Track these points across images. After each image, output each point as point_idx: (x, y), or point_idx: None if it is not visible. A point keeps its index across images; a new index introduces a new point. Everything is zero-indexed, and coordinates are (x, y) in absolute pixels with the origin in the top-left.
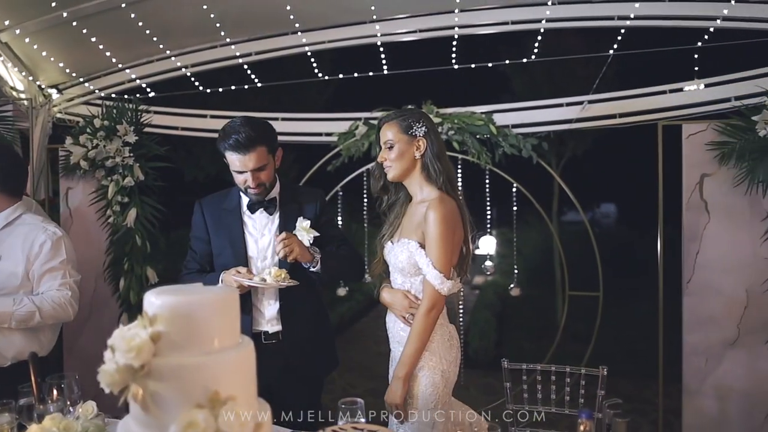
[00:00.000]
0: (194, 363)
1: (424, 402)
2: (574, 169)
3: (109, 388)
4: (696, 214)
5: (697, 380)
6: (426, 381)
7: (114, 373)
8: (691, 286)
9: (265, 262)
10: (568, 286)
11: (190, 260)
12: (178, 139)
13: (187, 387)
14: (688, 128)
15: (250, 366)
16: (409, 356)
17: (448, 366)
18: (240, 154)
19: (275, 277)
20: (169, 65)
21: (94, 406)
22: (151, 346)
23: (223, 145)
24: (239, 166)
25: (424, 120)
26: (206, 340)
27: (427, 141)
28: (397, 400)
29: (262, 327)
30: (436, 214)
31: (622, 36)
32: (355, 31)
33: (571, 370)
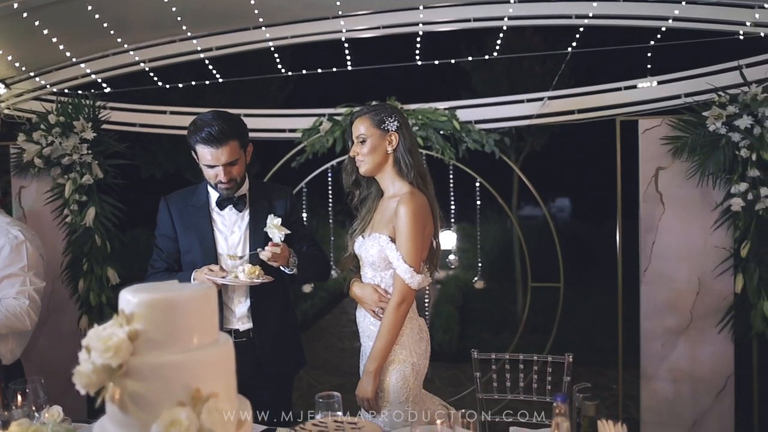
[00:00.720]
0: (174, 361)
1: (395, 395)
2: (532, 164)
3: (86, 389)
4: (652, 206)
5: (653, 365)
6: (397, 374)
7: (91, 373)
8: (647, 274)
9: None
10: (531, 278)
11: (156, 259)
12: (134, 135)
13: (168, 385)
14: (644, 123)
15: (230, 363)
16: (379, 350)
17: (418, 359)
18: (212, 147)
19: (249, 274)
20: (126, 60)
21: (60, 410)
22: (129, 345)
23: (194, 138)
24: (211, 160)
25: (396, 115)
26: (185, 337)
27: (399, 135)
28: (369, 394)
29: (232, 325)
30: (406, 209)
31: (581, 34)
32: (319, 26)
33: (538, 358)
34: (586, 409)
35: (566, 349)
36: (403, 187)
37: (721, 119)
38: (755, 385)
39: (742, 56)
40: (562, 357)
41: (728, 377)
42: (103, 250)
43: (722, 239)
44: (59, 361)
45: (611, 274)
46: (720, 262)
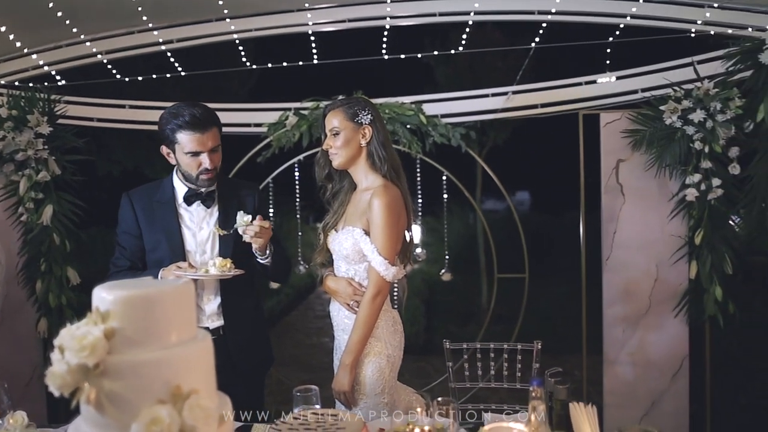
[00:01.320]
0: (153, 358)
1: (371, 387)
2: (495, 158)
3: (60, 390)
4: (613, 197)
5: (614, 349)
6: (372, 367)
7: (65, 374)
8: (609, 263)
9: (204, 256)
10: (497, 270)
11: (119, 257)
12: (90, 131)
13: (147, 383)
14: (605, 117)
15: (209, 359)
16: (355, 343)
17: (393, 350)
18: (198, 132)
19: (220, 267)
20: (82, 51)
21: (24, 415)
22: (106, 344)
23: (174, 124)
24: (196, 146)
25: (369, 108)
26: (164, 334)
27: (372, 129)
28: (345, 387)
29: (202, 324)
30: (380, 202)
31: (543, 30)
32: (285, 19)
33: (508, 346)
34: (558, 393)
35: (532, 338)
36: (377, 180)
37: (676, 113)
38: (708, 365)
39: (694, 53)
40: (531, 344)
41: (683, 359)
42: (62, 249)
43: (678, 228)
44: (16, 365)
45: (574, 263)
46: (676, 250)
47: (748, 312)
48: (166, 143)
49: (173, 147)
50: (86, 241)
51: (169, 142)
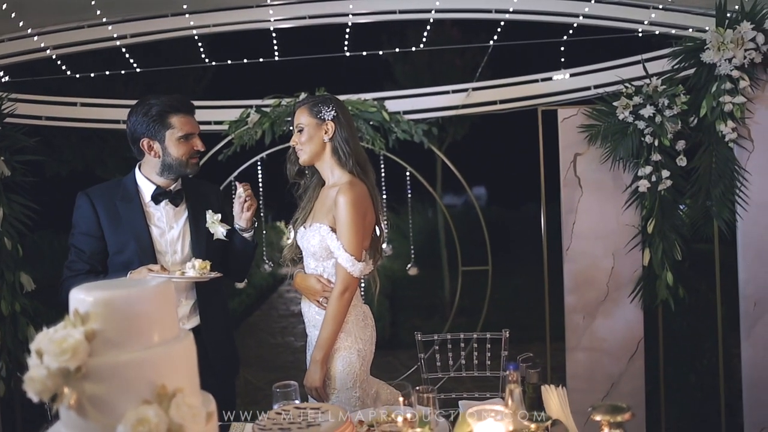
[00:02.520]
0: (136, 359)
1: (342, 382)
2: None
3: (39, 396)
4: (571, 189)
5: (576, 336)
6: (343, 361)
7: (45, 379)
8: (569, 253)
9: (175, 256)
10: (461, 263)
11: (75, 260)
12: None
13: (131, 385)
14: (562, 113)
15: (192, 357)
16: (325, 339)
17: (363, 345)
18: (190, 115)
19: (200, 269)
20: (28, 45)
21: None
22: (87, 346)
23: (168, 108)
24: (191, 128)
25: (333, 104)
26: (146, 334)
27: (335, 124)
28: (317, 383)
29: (188, 323)
30: (346, 198)
31: (501, 28)
32: (246, 14)
33: (478, 335)
34: (530, 377)
35: (496, 329)
36: (343, 176)
37: (628, 109)
38: (661, 346)
39: (643, 51)
40: (499, 333)
41: (639, 342)
42: (15, 254)
43: (632, 218)
44: None
45: (536, 255)
46: (630, 239)
47: (696, 295)
48: (149, 135)
49: (162, 135)
50: (40, 245)
51: (155, 132)
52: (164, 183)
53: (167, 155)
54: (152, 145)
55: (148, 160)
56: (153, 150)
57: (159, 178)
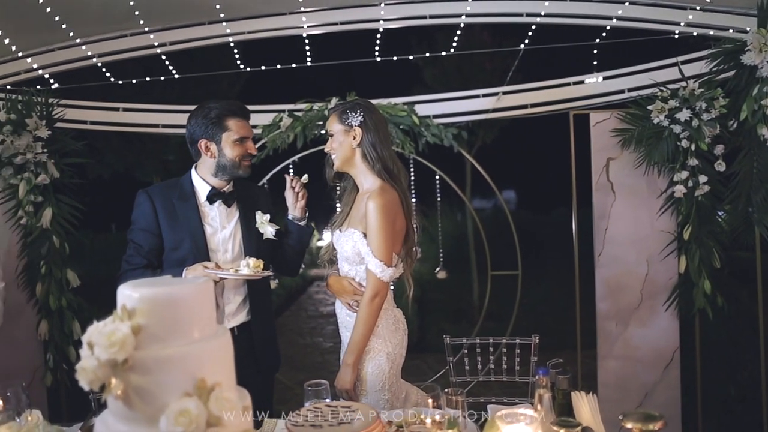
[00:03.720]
0: (178, 353)
1: (371, 384)
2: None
3: (90, 385)
4: (604, 194)
5: (608, 344)
6: (372, 364)
7: (96, 369)
8: (601, 258)
9: (226, 254)
10: (491, 267)
11: (133, 255)
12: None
13: (172, 377)
14: (594, 117)
15: (230, 353)
16: (356, 343)
17: (393, 348)
18: (246, 119)
19: (254, 267)
20: (75, 54)
21: (39, 414)
22: (133, 340)
23: (226, 111)
24: (246, 132)
25: (361, 110)
26: (187, 330)
27: (362, 130)
28: (347, 385)
29: (228, 322)
30: (375, 204)
31: (532, 32)
32: (280, 21)
33: (507, 340)
34: (560, 383)
35: (525, 334)
36: (375, 182)
37: (663, 113)
38: (698, 356)
39: (678, 53)
40: (529, 339)
41: (674, 351)
42: (62, 252)
43: (667, 224)
44: (17, 368)
45: (567, 260)
46: (665, 245)
47: (736, 304)
48: (207, 136)
49: (219, 137)
50: (86, 243)
51: (212, 134)
52: (218, 184)
53: (222, 156)
54: (209, 146)
55: (204, 161)
56: (209, 151)
57: (213, 178)
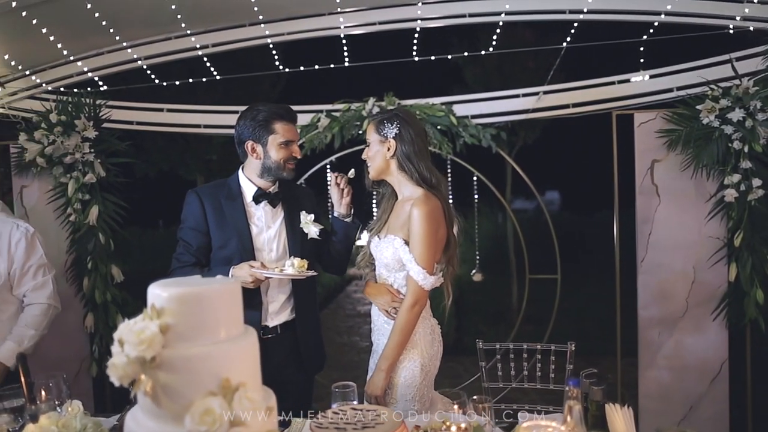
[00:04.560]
0: (204, 353)
1: (402, 393)
2: (525, 158)
3: (120, 381)
4: (648, 198)
5: (650, 352)
6: (405, 373)
7: (125, 365)
8: (644, 264)
9: (271, 254)
10: (529, 270)
11: (183, 253)
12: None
13: (198, 376)
14: (639, 117)
15: (255, 354)
16: (392, 349)
17: (429, 360)
18: (292, 123)
19: (299, 267)
20: (122, 57)
21: (80, 405)
22: (161, 338)
23: (274, 115)
24: (291, 135)
25: (398, 122)
26: (214, 330)
27: (396, 142)
28: (378, 391)
29: (266, 321)
30: (420, 212)
31: (574, 29)
32: (317, 22)
33: (541, 347)
34: (594, 394)
35: (564, 339)
36: (416, 190)
37: (714, 112)
38: (749, 369)
39: (732, 50)
40: (564, 345)
41: (723, 363)
42: (107, 248)
43: (716, 229)
44: (65, 359)
45: (608, 265)
46: (714, 252)
47: None
48: (254, 138)
49: (265, 139)
50: (130, 240)
51: (259, 136)
52: (264, 185)
53: (268, 158)
54: (255, 147)
55: (250, 162)
56: (255, 152)
57: (259, 179)
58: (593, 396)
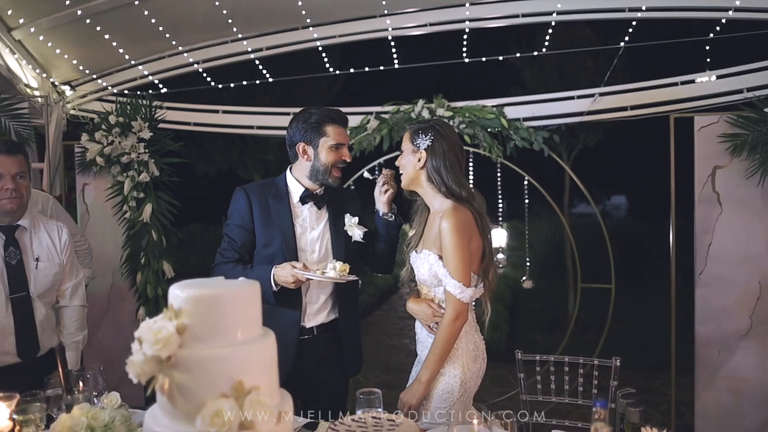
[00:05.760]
0: (218, 354)
1: (436, 405)
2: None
3: (137, 378)
4: (708, 206)
5: (708, 371)
6: (444, 386)
7: (142, 363)
8: (703, 277)
9: (313, 255)
10: (581, 279)
11: (227, 249)
12: (187, 134)
13: (212, 378)
14: (699, 120)
15: (272, 357)
16: (432, 363)
17: (470, 376)
18: (344, 127)
19: (340, 271)
20: (180, 61)
21: (117, 396)
22: (177, 338)
23: (326, 118)
24: (342, 138)
25: (432, 134)
26: (230, 331)
27: (428, 154)
28: (413, 401)
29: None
30: (449, 224)
31: (634, 28)
32: (366, 25)
33: (584, 361)
34: (630, 416)
35: (617, 350)
36: (445, 202)
37: None
38: None
39: None
40: (609, 361)
41: None
42: (159, 244)
43: None
44: (118, 350)
45: (665, 276)
46: None
47: None
48: (305, 140)
49: (317, 141)
50: (181, 237)
51: (311, 138)
52: (311, 186)
53: (317, 160)
54: (306, 149)
55: (300, 163)
56: (306, 154)
57: (308, 181)
58: (630, 418)
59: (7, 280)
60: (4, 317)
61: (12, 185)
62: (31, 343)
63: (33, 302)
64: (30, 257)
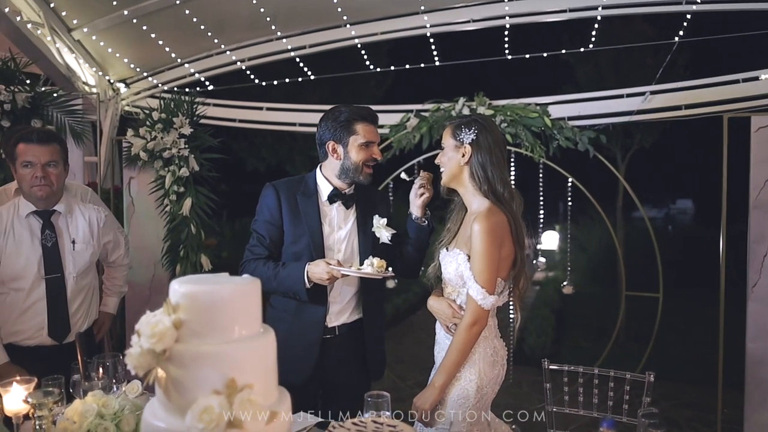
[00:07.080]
0: (212, 351)
1: (450, 412)
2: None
3: (135, 370)
4: (764, 214)
5: (761, 391)
6: (459, 392)
7: (138, 356)
8: (757, 290)
9: (339, 254)
10: (626, 286)
11: (256, 245)
12: (238, 130)
13: (205, 374)
14: (757, 121)
15: (270, 355)
16: (447, 367)
17: (487, 383)
18: (374, 125)
19: (378, 267)
20: (225, 59)
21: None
22: (174, 333)
23: (354, 115)
24: (372, 137)
25: (476, 128)
26: (226, 328)
27: (472, 148)
28: (426, 406)
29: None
30: (481, 227)
31: (689, 22)
32: (405, 22)
33: (615, 374)
34: None
35: (664, 362)
36: (483, 203)
37: None
38: None
39: None
40: (642, 376)
41: None
42: (198, 238)
43: None
44: None
45: (714, 287)
46: None
47: None
48: (335, 138)
49: (347, 140)
50: (219, 231)
51: (340, 137)
52: (340, 185)
53: (347, 159)
54: (336, 148)
55: (330, 162)
56: (336, 153)
57: (337, 180)
58: None
59: (43, 261)
60: (39, 296)
61: (41, 173)
62: (62, 323)
63: (66, 283)
64: (66, 240)
